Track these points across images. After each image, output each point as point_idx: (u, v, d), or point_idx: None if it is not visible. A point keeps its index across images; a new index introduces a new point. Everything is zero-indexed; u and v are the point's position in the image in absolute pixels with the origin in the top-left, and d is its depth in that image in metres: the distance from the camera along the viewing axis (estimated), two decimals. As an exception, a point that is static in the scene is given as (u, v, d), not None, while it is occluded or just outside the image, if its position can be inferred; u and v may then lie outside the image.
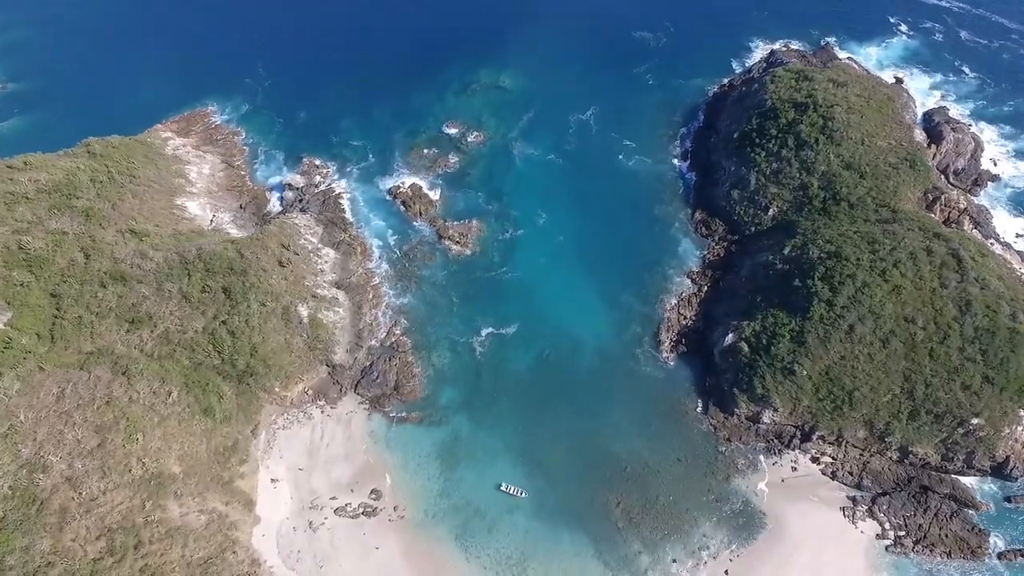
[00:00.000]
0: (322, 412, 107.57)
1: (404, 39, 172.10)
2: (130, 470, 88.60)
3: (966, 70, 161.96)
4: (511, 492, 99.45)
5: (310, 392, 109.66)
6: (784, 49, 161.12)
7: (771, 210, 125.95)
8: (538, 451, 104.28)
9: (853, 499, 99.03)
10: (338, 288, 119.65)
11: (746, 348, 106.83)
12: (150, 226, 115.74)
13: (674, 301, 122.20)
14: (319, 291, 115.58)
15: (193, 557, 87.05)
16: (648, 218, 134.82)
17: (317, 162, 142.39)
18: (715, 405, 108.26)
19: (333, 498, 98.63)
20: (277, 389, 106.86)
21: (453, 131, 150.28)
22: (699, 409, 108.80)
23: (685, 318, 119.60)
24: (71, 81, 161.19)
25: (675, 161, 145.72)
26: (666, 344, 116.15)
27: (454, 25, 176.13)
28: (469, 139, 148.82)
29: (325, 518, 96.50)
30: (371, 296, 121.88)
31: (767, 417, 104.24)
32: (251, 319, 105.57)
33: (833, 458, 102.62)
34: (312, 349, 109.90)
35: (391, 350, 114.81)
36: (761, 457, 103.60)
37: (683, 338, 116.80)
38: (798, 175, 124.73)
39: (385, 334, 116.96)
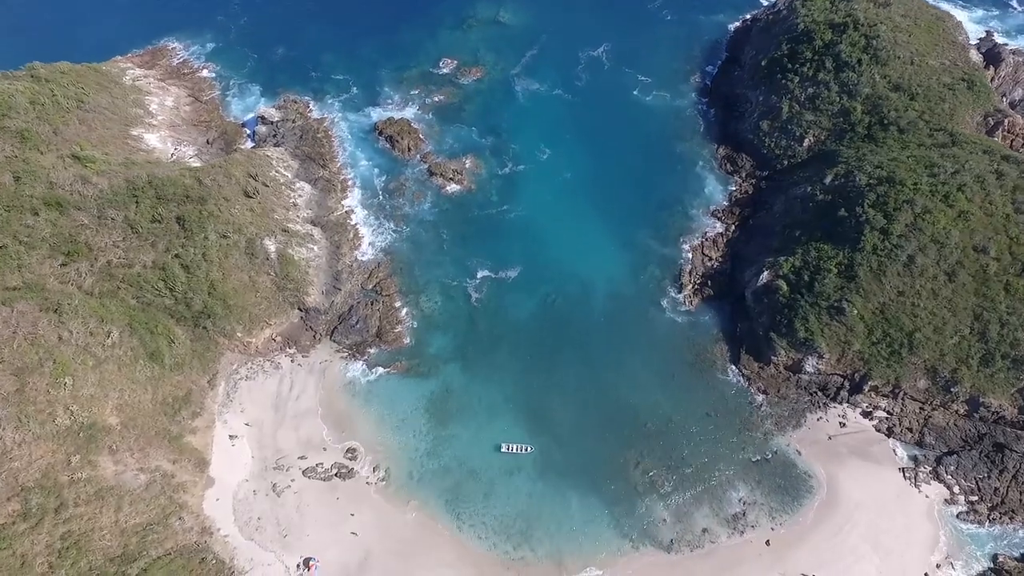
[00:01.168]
0: (292, 361, 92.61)
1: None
2: (54, 419, 73.51)
3: (1014, 3, 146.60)
4: (514, 451, 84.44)
5: (279, 339, 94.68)
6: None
7: (807, 140, 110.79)
8: (543, 405, 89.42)
9: (915, 459, 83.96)
10: (314, 225, 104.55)
11: (784, 286, 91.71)
12: (98, 153, 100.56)
13: (697, 241, 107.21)
14: (291, 226, 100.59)
15: (129, 523, 72.23)
16: (667, 155, 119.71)
17: (295, 97, 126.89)
18: (748, 353, 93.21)
19: (302, 458, 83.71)
20: (239, 334, 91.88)
21: (447, 68, 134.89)
22: (729, 358, 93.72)
23: (710, 259, 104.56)
24: (25, 8, 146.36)
25: (695, 96, 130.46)
26: (689, 287, 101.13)
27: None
28: (465, 75, 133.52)
29: (292, 480, 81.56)
30: (351, 236, 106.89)
31: (810, 365, 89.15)
32: (209, 252, 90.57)
33: (889, 412, 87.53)
34: (281, 290, 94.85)
35: (373, 294, 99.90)
36: (805, 412, 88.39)
37: (708, 281, 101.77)
38: (838, 100, 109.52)
39: (367, 276, 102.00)
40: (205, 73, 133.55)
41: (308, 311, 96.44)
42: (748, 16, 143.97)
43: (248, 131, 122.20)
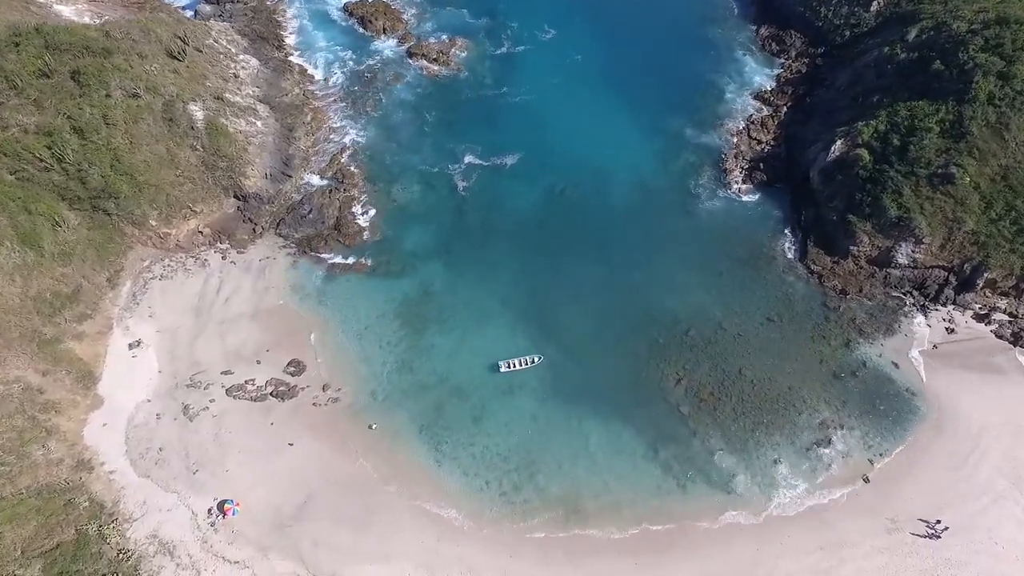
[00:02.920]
0: (224, 259, 70.88)
1: None
2: None
3: None
4: (517, 366, 62.78)
5: (207, 231, 72.90)
6: None
7: (874, 3, 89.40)
8: (549, 309, 67.79)
9: (1054, 370, 62.18)
10: (260, 102, 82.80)
11: (866, 155, 70.18)
12: (-17, 9, 78.94)
13: (742, 125, 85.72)
14: (228, 96, 78.82)
15: (-40, 449, 50.36)
16: (696, 38, 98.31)
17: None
18: (817, 246, 71.57)
19: (227, 372, 61.93)
20: (153, 222, 70.18)
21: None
22: (793, 253, 72.09)
23: (759, 143, 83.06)
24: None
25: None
26: (736, 173, 79.71)
27: None
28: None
29: (211, 401, 59.75)
30: (309, 119, 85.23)
31: (903, 254, 67.54)
32: (111, 113, 68.87)
33: (1012, 315, 65.85)
34: (211, 169, 73.16)
35: (333, 181, 78.11)
36: (899, 316, 66.69)
37: (760, 165, 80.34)
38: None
39: (327, 163, 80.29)
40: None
41: (247, 198, 74.74)
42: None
43: (188, 13, 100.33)
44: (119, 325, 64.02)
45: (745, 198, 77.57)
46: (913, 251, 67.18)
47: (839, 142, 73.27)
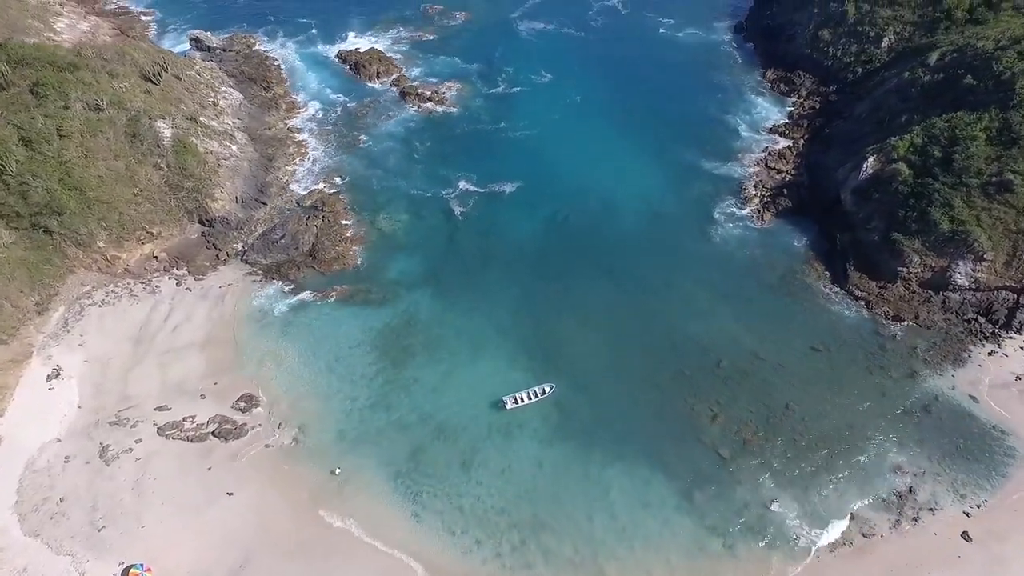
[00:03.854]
0: (179, 285, 61.51)
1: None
2: None
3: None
4: (526, 401, 51.82)
5: (163, 256, 64.01)
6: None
7: (886, 39, 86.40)
8: (556, 339, 57.78)
9: None
10: (241, 132, 76.88)
11: (905, 169, 62.96)
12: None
13: (758, 156, 79.59)
14: (203, 119, 72.85)
15: None
16: (702, 82, 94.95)
17: (243, 34, 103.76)
18: (858, 270, 62.54)
19: (162, 408, 50.77)
20: (102, 244, 61.57)
21: (431, 12, 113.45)
22: (831, 279, 63.06)
23: (780, 172, 76.44)
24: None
25: (729, 34, 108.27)
26: (756, 201, 72.41)
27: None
28: (452, 19, 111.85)
29: (136, 441, 48.24)
30: (292, 150, 79.14)
31: (963, 273, 58.52)
32: (67, 125, 62.18)
33: (1100, 340, 55.68)
34: (175, 189, 65.59)
35: (312, 209, 70.33)
36: (967, 344, 56.49)
37: (783, 191, 73.09)
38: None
39: (307, 192, 73.03)
40: (142, 18, 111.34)
41: (213, 223, 66.60)
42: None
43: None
44: (40, 354, 53.58)
45: (768, 225, 69.64)
46: (974, 270, 58.16)
47: (871, 159, 66.37)
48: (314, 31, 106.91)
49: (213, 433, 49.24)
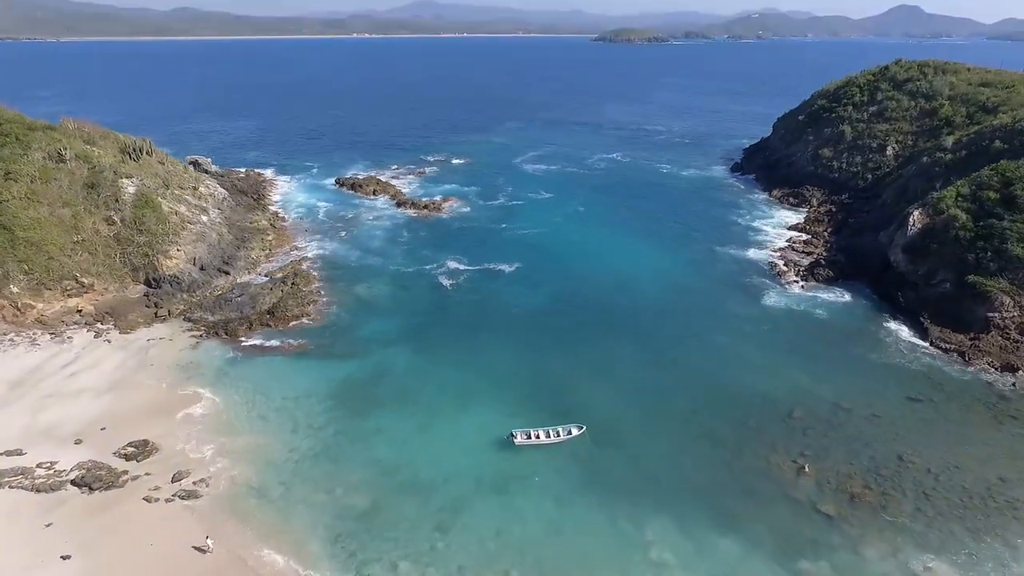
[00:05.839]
0: (97, 337, 49.49)
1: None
2: None
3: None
4: (543, 440, 37.44)
5: (88, 310, 52.84)
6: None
7: (889, 148, 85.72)
8: (573, 391, 44.15)
9: None
10: (217, 211, 70.83)
11: (962, 215, 55.29)
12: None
13: (782, 244, 72.63)
14: (179, 192, 67.10)
15: None
16: (711, 199, 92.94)
17: (243, 169, 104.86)
18: (936, 324, 51.03)
19: (13, 452, 35.87)
20: (16, 289, 51.19)
21: (432, 159, 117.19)
22: (903, 334, 51.24)
23: (810, 255, 68.62)
24: None
25: (727, 172, 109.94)
26: (792, 275, 63.27)
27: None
28: (454, 162, 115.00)
29: (-42, 491, 32.50)
30: (271, 237, 72.42)
31: (1072, 312, 46.99)
32: (18, 168, 56.30)
33: None
34: (123, 242, 57.14)
35: (280, 281, 60.88)
36: (1108, 389, 42.95)
37: (819, 264, 64.36)
38: (913, 105, 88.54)
39: (279, 267, 64.35)
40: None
41: (161, 281, 56.63)
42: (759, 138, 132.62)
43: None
44: None
45: (812, 293, 59.52)
46: (1082, 305, 46.87)
47: (916, 213, 59.08)
48: (315, 170, 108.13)
49: (74, 481, 33.66)
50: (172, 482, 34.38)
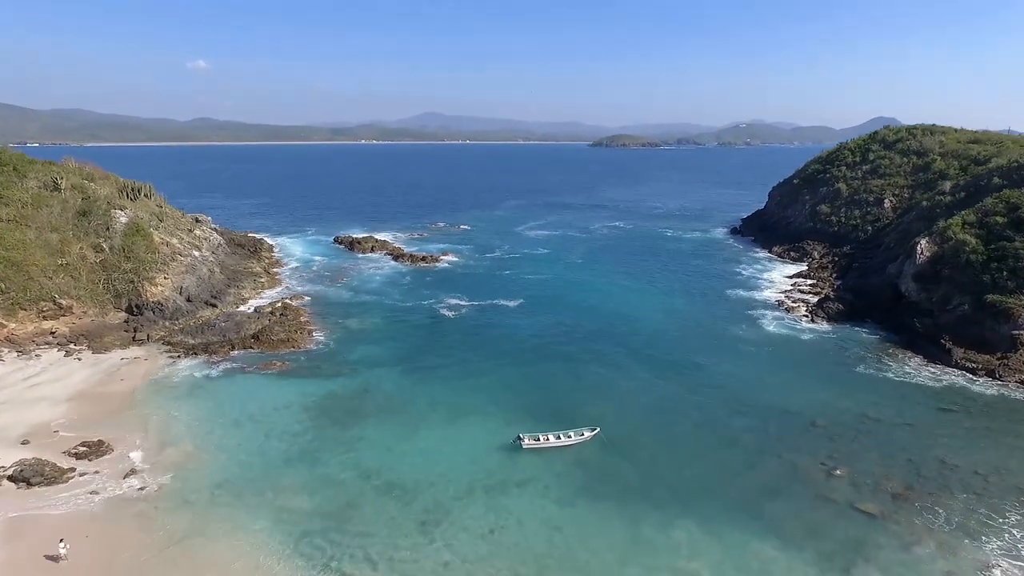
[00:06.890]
0: (67, 355, 46.65)
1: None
2: None
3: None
4: (551, 443, 34.16)
5: (62, 333, 50.21)
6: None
7: (887, 200, 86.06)
8: (576, 406, 40.57)
9: None
10: (211, 252, 69.71)
11: (971, 240, 53.96)
12: None
13: (790, 286, 70.91)
14: (173, 227, 66.28)
15: None
16: (714, 256, 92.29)
17: (241, 232, 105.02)
18: (959, 346, 48.24)
19: (-51, 450, 32.07)
20: (-12, 308, 48.72)
21: (432, 224, 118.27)
22: (923, 358, 48.39)
23: (816, 294, 66.72)
24: None
25: (727, 234, 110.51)
26: (801, 311, 61.01)
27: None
28: (457, 228, 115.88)
29: None
30: (263, 279, 70.91)
31: (1103, 326, 44.37)
32: (10, 193, 55.81)
33: None
34: (108, 268, 55.41)
35: (270, 313, 58.56)
36: None
37: (828, 300, 62.23)
38: (905, 162, 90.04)
39: (269, 303, 62.17)
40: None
41: (143, 308, 54.31)
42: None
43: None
44: None
45: (823, 326, 56.92)
46: (1112, 318, 44.30)
47: (924, 242, 57.77)
48: (312, 230, 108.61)
49: (10, 477, 29.83)
50: (123, 480, 30.49)
